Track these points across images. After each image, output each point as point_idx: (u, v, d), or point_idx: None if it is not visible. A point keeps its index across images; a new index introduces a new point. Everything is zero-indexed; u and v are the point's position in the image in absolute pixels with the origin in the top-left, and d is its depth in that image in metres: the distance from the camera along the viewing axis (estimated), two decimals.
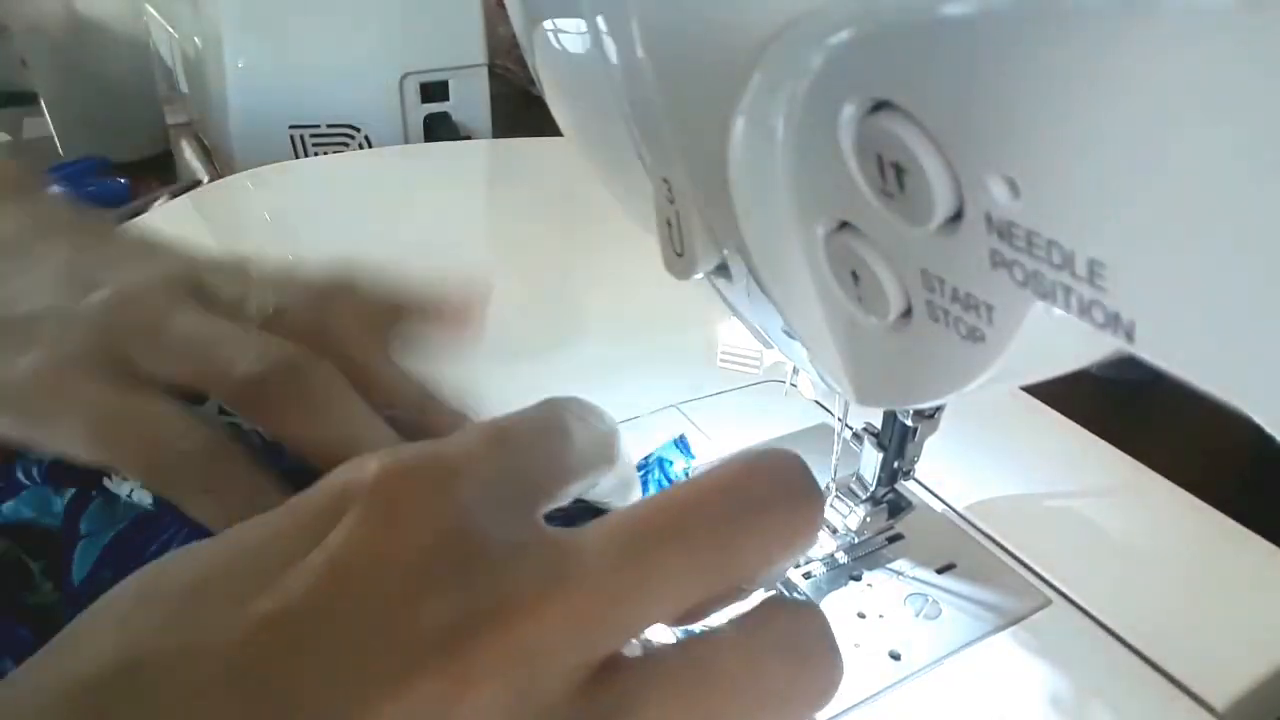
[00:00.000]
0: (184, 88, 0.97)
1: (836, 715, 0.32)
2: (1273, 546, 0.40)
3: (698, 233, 0.22)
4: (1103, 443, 0.46)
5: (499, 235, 0.72)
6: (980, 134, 0.14)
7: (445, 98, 0.94)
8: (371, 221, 0.69)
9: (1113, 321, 0.14)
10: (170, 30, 0.92)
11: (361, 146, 0.90)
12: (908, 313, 0.19)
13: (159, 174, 1.05)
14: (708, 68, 0.18)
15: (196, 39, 0.84)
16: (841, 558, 0.38)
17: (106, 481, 0.32)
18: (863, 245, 0.18)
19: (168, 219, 0.69)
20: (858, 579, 0.37)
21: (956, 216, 0.15)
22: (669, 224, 0.22)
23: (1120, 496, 0.43)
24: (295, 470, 0.33)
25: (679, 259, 0.23)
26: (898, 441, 0.37)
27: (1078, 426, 0.47)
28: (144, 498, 0.32)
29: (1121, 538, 0.41)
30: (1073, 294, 0.14)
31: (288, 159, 0.85)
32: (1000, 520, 0.41)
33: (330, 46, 0.84)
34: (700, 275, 0.23)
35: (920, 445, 0.38)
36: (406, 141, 0.93)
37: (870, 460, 0.38)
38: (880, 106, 0.15)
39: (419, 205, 0.73)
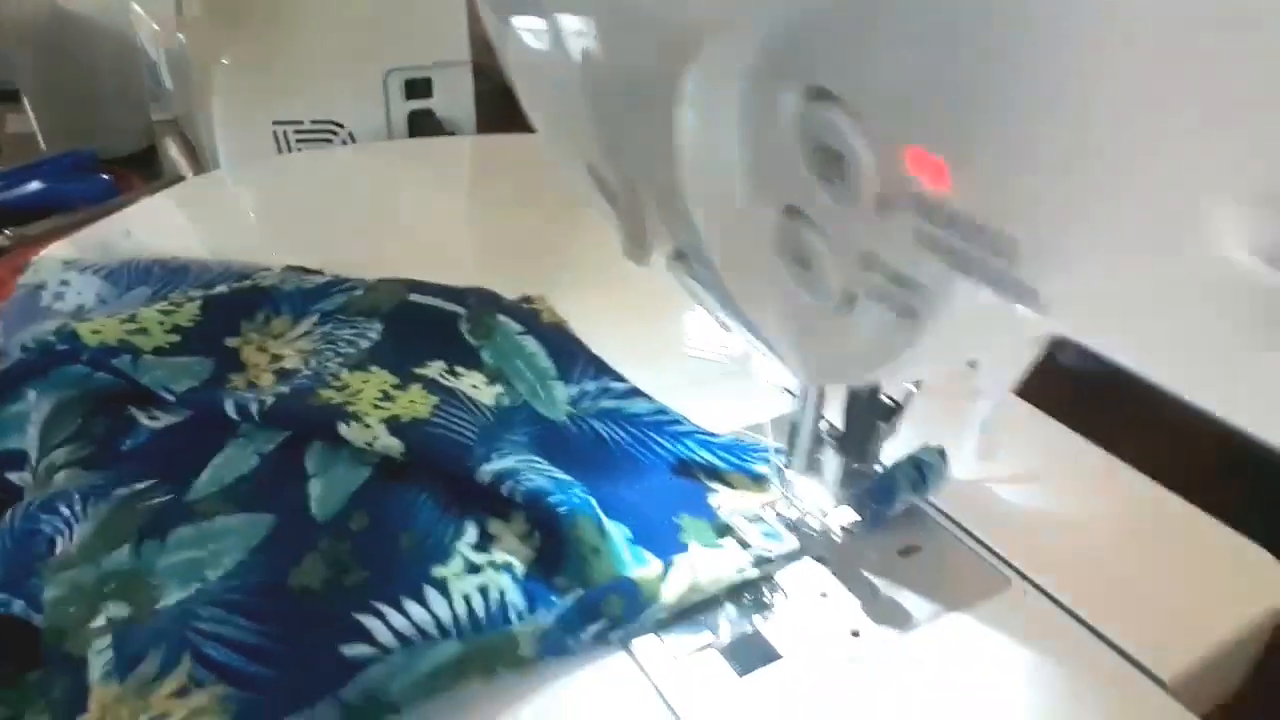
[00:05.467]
0: (168, 84, 0.98)
1: (796, 687, 0.33)
2: (1226, 528, 0.42)
3: (654, 219, 0.23)
4: (1063, 427, 0.47)
5: (481, 229, 0.73)
6: (907, 119, 0.15)
7: (429, 94, 0.95)
8: (355, 216, 0.70)
9: (1028, 295, 0.15)
10: (155, 26, 0.93)
11: (345, 143, 0.90)
12: (850, 293, 0.20)
13: (143, 171, 1.05)
14: (653, 60, 0.19)
15: (180, 34, 0.84)
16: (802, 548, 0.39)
17: (342, 428, 0.39)
18: (808, 229, 0.19)
19: (150, 214, 0.69)
20: (822, 560, 0.38)
21: (889, 199, 0.16)
22: (627, 212, 0.23)
23: (1080, 480, 0.44)
24: None
25: (636, 245, 0.24)
26: (858, 444, 0.39)
27: (1039, 412, 0.48)
28: (392, 446, 0.38)
29: (1080, 520, 0.42)
30: (991, 269, 0.15)
31: (271, 155, 0.85)
32: (963, 504, 0.42)
33: (313, 43, 0.85)
34: (659, 260, 0.24)
35: (880, 447, 0.39)
36: (390, 138, 0.93)
37: (831, 463, 0.39)
38: (818, 95, 0.16)
39: (403, 200, 0.74)
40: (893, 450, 0.40)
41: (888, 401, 0.39)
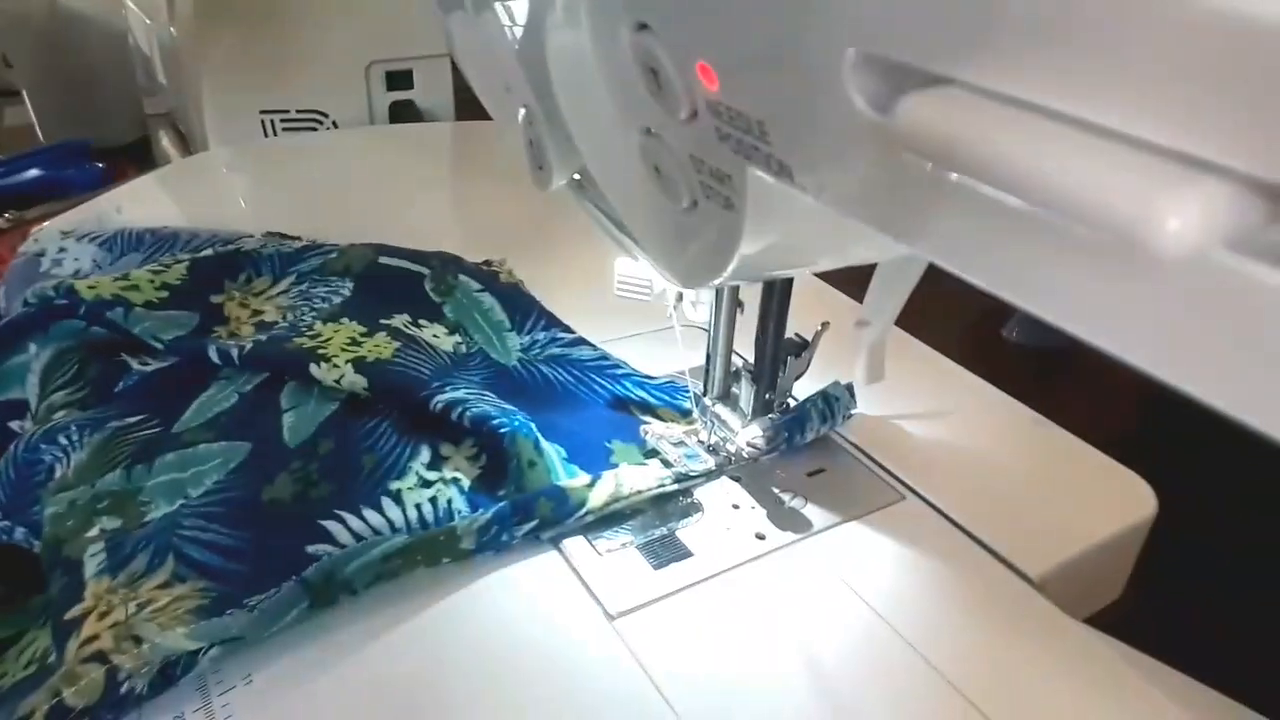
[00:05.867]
0: (162, 78, 1.02)
1: (703, 580, 0.38)
2: (1104, 455, 0.47)
3: (552, 149, 0.28)
4: (961, 369, 0.52)
5: (452, 204, 0.78)
6: (693, 38, 0.20)
7: (410, 86, 1.00)
8: (334, 193, 0.75)
9: (781, 169, 0.19)
10: (147, 21, 0.98)
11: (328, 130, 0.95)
12: (693, 195, 0.24)
13: (136, 161, 1.10)
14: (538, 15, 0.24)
15: (172, 29, 0.89)
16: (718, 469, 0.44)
17: (313, 368, 0.44)
18: (657, 142, 0.24)
19: (140, 193, 0.74)
20: (737, 479, 0.43)
21: (695, 106, 0.21)
22: (531, 144, 0.28)
23: (973, 414, 0.49)
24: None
25: (540, 172, 0.29)
26: (769, 376, 0.43)
27: (941, 355, 0.53)
28: (357, 382, 0.43)
29: (973, 448, 0.47)
30: (758, 152, 0.20)
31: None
32: (869, 435, 0.46)
33: (298, 35, 0.90)
34: (560, 185, 0.29)
35: (790, 380, 0.44)
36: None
37: (746, 392, 0.44)
38: (640, 27, 0.21)
39: (379, 178, 0.79)
40: (805, 387, 0.45)
41: (796, 339, 0.43)
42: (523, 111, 0.28)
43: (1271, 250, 0.11)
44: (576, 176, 0.30)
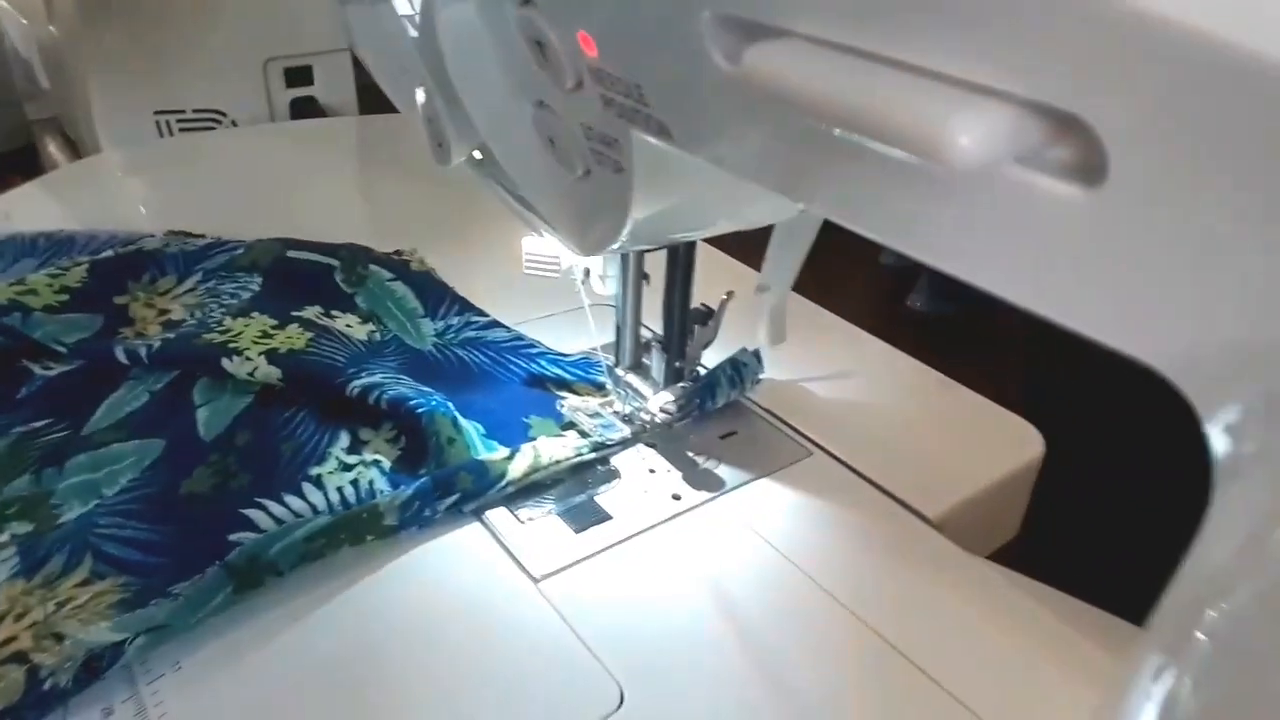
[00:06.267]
0: (44, 81, 0.99)
1: (622, 541, 0.39)
2: (998, 406, 0.50)
3: (450, 127, 0.29)
4: (864, 334, 0.55)
5: (358, 198, 0.78)
6: (572, 9, 0.21)
7: (310, 82, 0.99)
8: (237, 192, 0.74)
9: (661, 129, 0.21)
10: (23, 21, 0.94)
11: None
12: (586, 163, 0.26)
13: (22, 170, 1.06)
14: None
15: (51, 27, 0.86)
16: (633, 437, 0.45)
17: (225, 362, 0.44)
18: (550, 114, 0.25)
19: (30, 199, 0.71)
20: (653, 446, 0.45)
21: (579, 75, 0.22)
22: (430, 122, 0.29)
23: (875, 375, 0.52)
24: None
25: (439, 149, 0.30)
26: (678, 345, 0.45)
27: (846, 323, 0.56)
28: (271, 373, 0.43)
29: (874, 405, 0.49)
30: (639, 114, 0.21)
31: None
32: (777, 398, 0.49)
33: (189, 32, 0.88)
34: (460, 161, 0.30)
35: (699, 348, 0.46)
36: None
37: (656, 362, 0.46)
38: (524, 2, 0.22)
39: (283, 175, 0.78)
40: (714, 355, 0.47)
41: (703, 308, 0.45)
42: (420, 91, 0.29)
43: (1053, 165, 0.13)
44: (477, 154, 0.31)
